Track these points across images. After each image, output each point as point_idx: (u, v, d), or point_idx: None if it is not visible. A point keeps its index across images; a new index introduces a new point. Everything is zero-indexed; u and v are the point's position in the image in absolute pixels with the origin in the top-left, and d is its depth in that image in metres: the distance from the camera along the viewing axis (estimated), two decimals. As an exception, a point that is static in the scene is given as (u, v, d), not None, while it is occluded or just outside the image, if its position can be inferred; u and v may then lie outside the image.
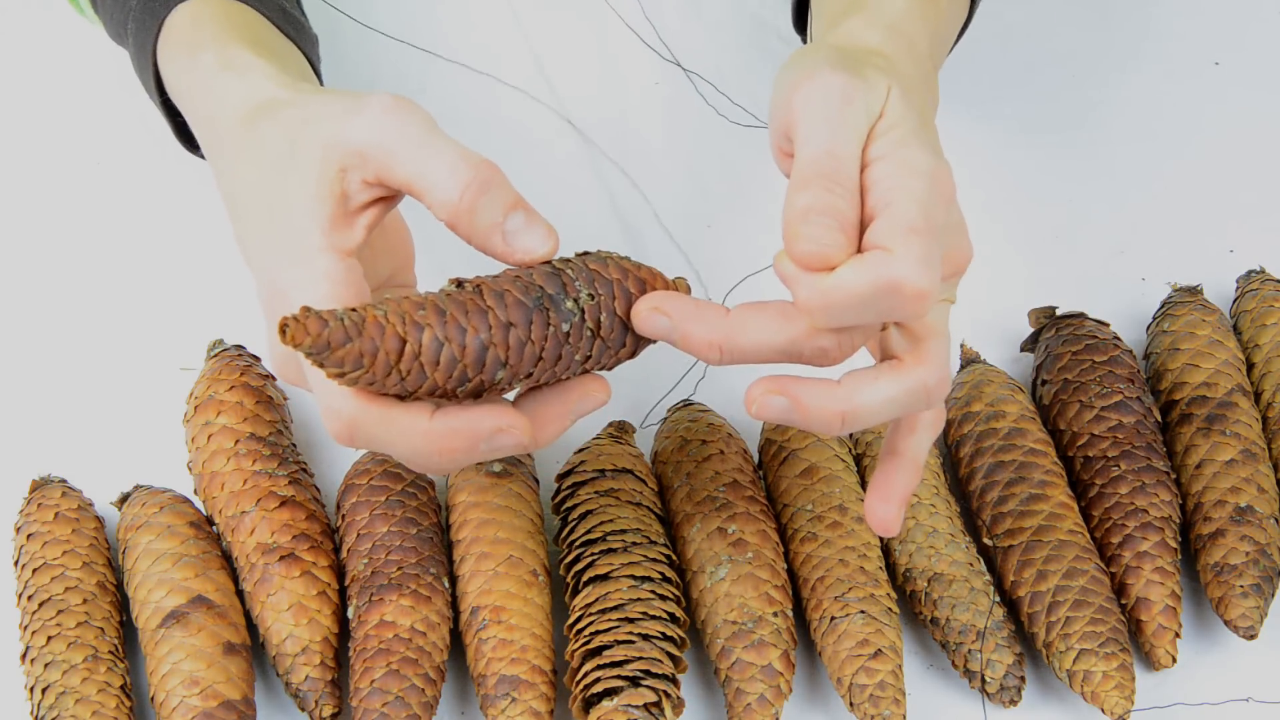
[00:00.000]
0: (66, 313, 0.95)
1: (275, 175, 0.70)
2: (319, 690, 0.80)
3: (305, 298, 0.67)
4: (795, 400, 0.67)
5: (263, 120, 0.72)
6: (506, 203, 0.67)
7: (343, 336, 0.63)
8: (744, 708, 0.79)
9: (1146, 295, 0.96)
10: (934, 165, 0.68)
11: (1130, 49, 1.06)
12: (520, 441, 0.67)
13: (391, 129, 0.67)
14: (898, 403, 0.68)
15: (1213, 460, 0.86)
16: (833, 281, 0.65)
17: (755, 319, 0.67)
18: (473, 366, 0.65)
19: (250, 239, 0.72)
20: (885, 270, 0.64)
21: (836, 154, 0.67)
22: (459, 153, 0.67)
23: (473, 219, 0.67)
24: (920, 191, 0.66)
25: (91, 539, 0.84)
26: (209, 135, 0.76)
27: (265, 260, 0.70)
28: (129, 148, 1.01)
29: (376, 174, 0.67)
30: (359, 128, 0.68)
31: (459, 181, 0.66)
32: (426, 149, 0.67)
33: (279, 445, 0.85)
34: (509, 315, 0.66)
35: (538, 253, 0.68)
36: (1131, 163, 1.02)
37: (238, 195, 0.73)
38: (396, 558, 0.82)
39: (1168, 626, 0.82)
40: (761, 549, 0.83)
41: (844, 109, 0.68)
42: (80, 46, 1.04)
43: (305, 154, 0.69)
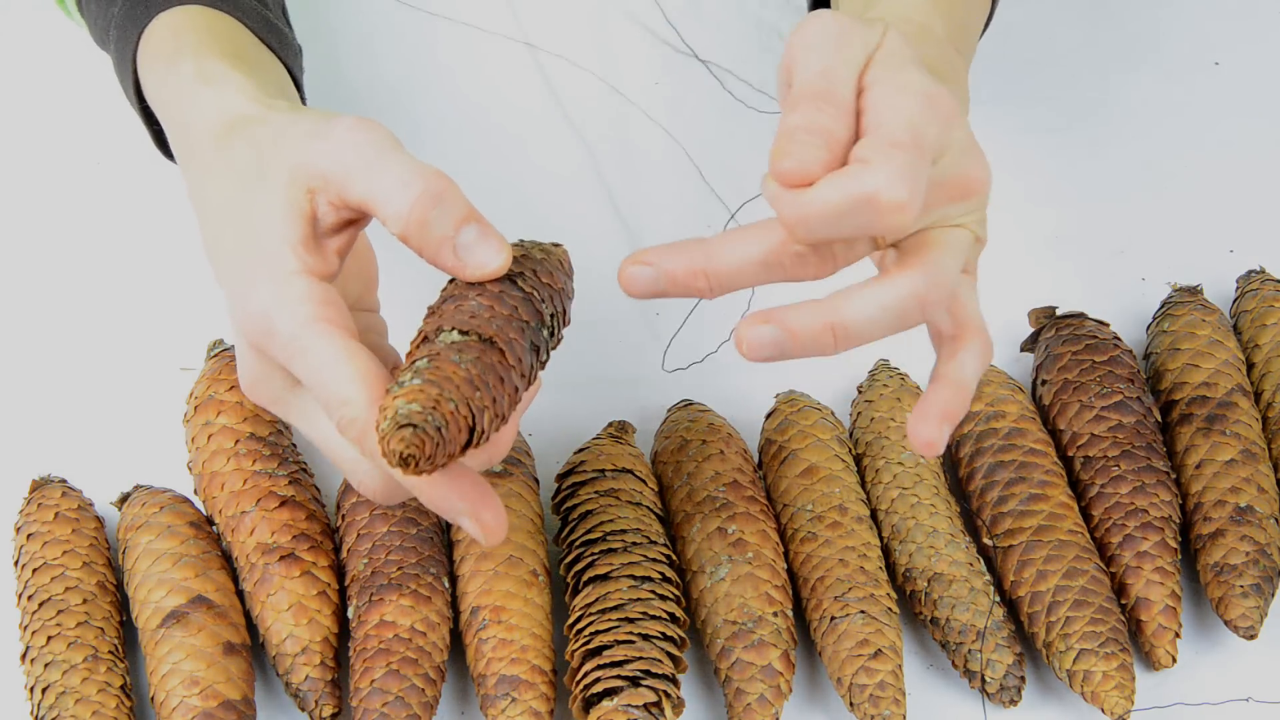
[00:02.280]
0: (66, 313, 0.95)
1: (244, 194, 0.70)
2: (319, 690, 0.80)
3: (286, 322, 0.66)
4: (780, 323, 0.66)
5: (234, 136, 0.72)
6: (459, 216, 0.67)
7: (439, 442, 0.64)
8: (744, 708, 0.79)
9: (1146, 295, 0.96)
10: (929, 85, 0.67)
11: (1130, 49, 1.06)
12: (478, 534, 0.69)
13: (349, 149, 0.67)
14: (889, 310, 0.66)
15: (1213, 460, 0.86)
16: (809, 194, 0.64)
17: (733, 238, 0.67)
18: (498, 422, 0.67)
19: (221, 256, 0.72)
20: (861, 182, 0.64)
21: (828, 75, 0.67)
22: (412, 167, 0.67)
23: (424, 232, 0.66)
24: (908, 108, 0.66)
25: (91, 539, 0.84)
26: (183, 146, 0.76)
27: (238, 280, 0.69)
28: (129, 148, 1.01)
29: (339, 194, 0.68)
30: (323, 151, 0.68)
31: (410, 195, 0.66)
32: (379, 165, 0.67)
33: (279, 445, 0.85)
34: (523, 368, 0.67)
35: (489, 268, 0.67)
36: (1131, 163, 1.02)
37: (208, 210, 0.73)
38: (396, 558, 0.82)
39: (1168, 626, 0.82)
40: (761, 549, 0.83)
41: (839, 40, 0.68)
42: (80, 47, 1.04)
43: (274, 175, 0.69)
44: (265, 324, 0.67)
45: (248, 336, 0.69)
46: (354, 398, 0.65)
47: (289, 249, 0.68)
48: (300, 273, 0.68)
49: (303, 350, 0.66)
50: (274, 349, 0.67)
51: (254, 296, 0.68)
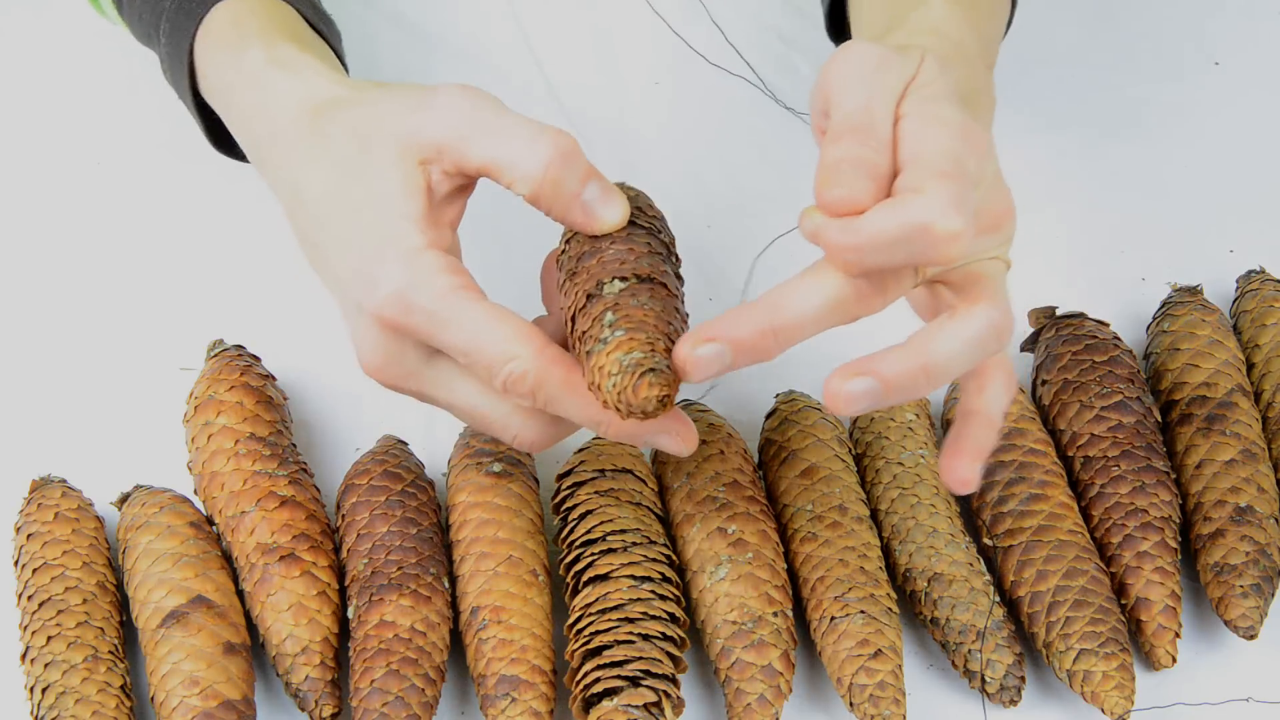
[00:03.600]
0: (67, 313, 0.95)
1: (349, 176, 0.70)
2: (319, 690, 0.80)
3: (428, 297, 0.67)
4: (874, 373, 0.66)
5: (326, 120, 0.72)
6: (583, 173, 0.68)
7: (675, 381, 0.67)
8: (744, 708, 0.79)
9: (1146, 295, 0.96)
10: (963, 120, 0.68)
11: (1130, 49, 1.06)
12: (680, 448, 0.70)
13: (464, 115, 0.68)
14: (973, 344, 0.67)
15: (1213, 460, 0.86)
16: (862, 221, 0.65)
17: (792, 291, 0.67)
18: None
19: (327, 245, 0.71)
20: (915, 210, 0.64)
21: (869, 109, 0.67)
22: (535, 127, 0.68)
23: (556, 190, 0.68)
24: (948, 141, 0.66)
25: (91, 539, 0.84)
26: (258, 132, 0.75)
27: (358, 264, 0.69)
28: (129, 148, 1.01)
29: (455, 163, 0.68)
30: (432, 120, 0.68)
31: (541, 156, 0.67)
32: (502, 128, 0.68)
33: (279, 445, 0.85)
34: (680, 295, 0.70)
35: (612, 222, 0.69)
36: (1131, 162, 1.02)
37: (305, 199, 0.72)
38: (396, 558, 0.82)
39: (1168, 626, 0.82)
40: (761, 549, 0.83)
41: (877, 72, 0.68)
42: (81, 46, 1.04)
43: (380, 154, 0.69)
44: (403, 302, 0.67)
45: (384, 317, 0.68)
46: (519, 352, 0.67)
47: (413, 225, 0.68)
48: (428, 247, 0.68)
49: (449, 321, 0.67)
50: (416, 324, 0.68)
51: (385, 277, 0.68)
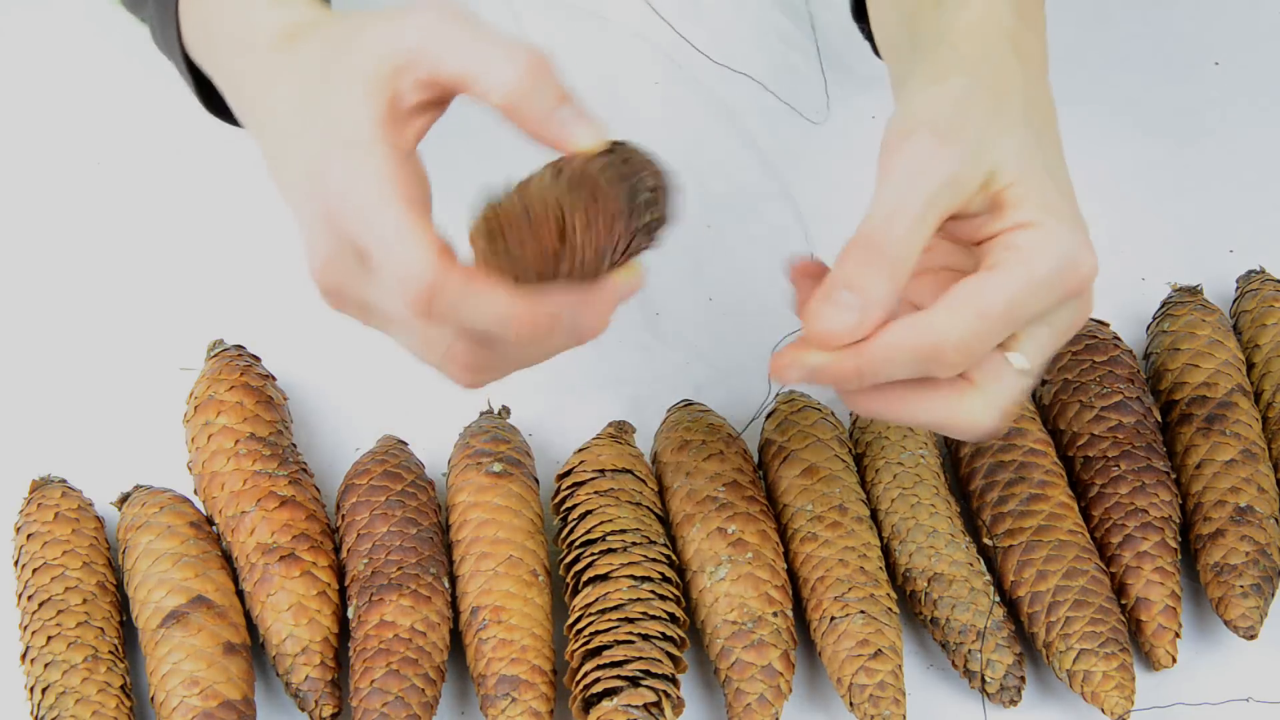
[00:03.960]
0: (67, 313, 0.95)
1: (318, 85, 0.68)
2: (319, 690, 0.80)
3: (361, 192, 0.65)
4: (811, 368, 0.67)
5: (302, 40, 0.71)
6: (559, 89, 0.67)
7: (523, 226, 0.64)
8: (744, 708, 0.79)
9: (1146, 295, 0.96)
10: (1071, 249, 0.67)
11: (1130, 49, 1.06)
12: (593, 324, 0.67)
13: (440, 24, 0.67)
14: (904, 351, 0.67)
15: (1213, 460, 0.86)
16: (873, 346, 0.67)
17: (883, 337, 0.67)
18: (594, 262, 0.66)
19: (290, 154, 0.70)
20: (927, 334, 0.66)
21: (891, 217, 0.67)
22: (511, 39, 0.67)
23: (531, 101, 0.66)
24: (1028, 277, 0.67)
25: (91, 539, 0.84)
26: (236, 63, 0.75)
27: (315, 161, 0.67)
28: (129, 148, 1.01)
29: (430, 71, 0.67)
30: (410, 27, 0.67)
31: (518, 64, 0.66)
32: (481, 38, 0.67)
33: (279, 445, 0.85)
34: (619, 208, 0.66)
35: (586, 141, 0.67)
36: (1131, 162, 1.02)
37: (276, 113, 0.71)
38: (396, 558, 0.82)
39: (1168, 626, 0.82)
40: (761, 549, 0.83)
41: (920, 176, 0.67)
42: (81, 46, 1.04)
43: (354, 59, 0.67)
44: (342, 195, 0.66)
45: (323, 209, 0.67)
46: (425, 269, 0.64)
47: (368, 121, 0.66)
48: (380, 140, 0.66)
49: (371, 222, 0.65)
50: (348, 220, 0.66)
51: (332, 168, 0.66)
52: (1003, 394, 0.68)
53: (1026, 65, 0.73)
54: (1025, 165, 0.68)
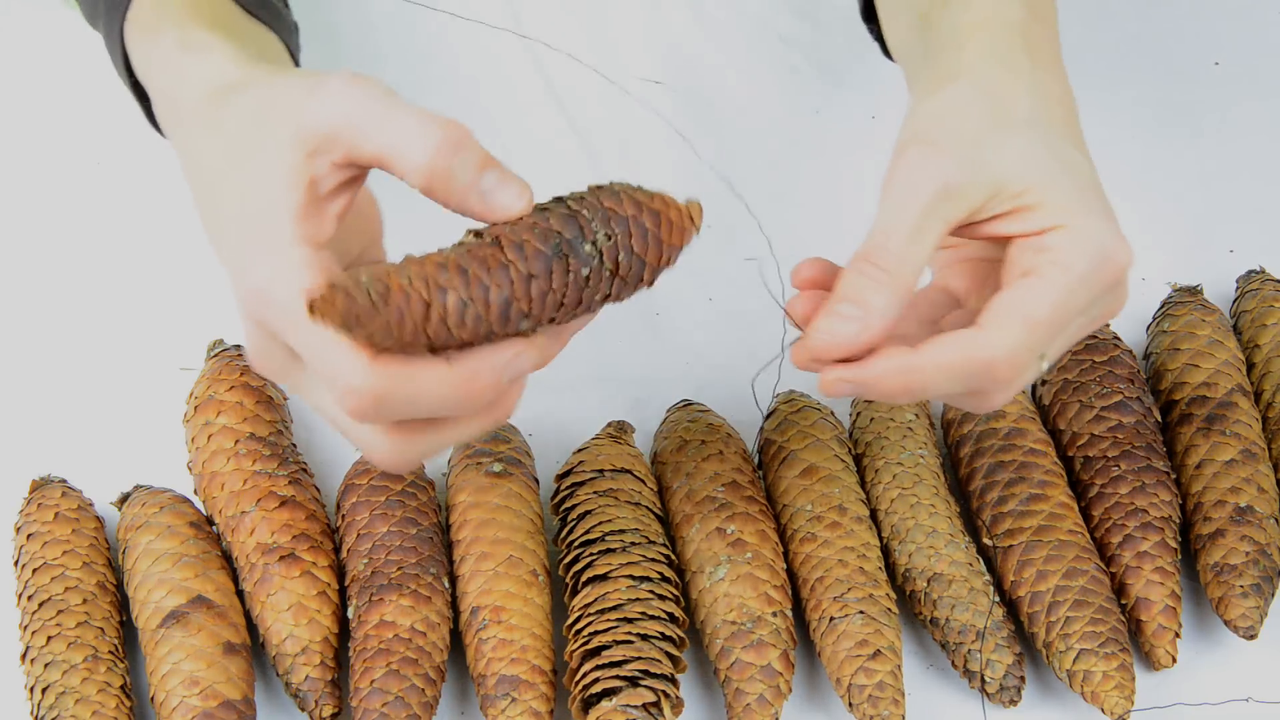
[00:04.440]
0: (67, 313, 0.95)
1: (241, 162, 0.68)
2: (319, 690, 0.80)
3: (283, 294, 0.65)
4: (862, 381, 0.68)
5: (223, 105, 0.70)
6: (479, 161, 0.66)
7: (370, 308, 0.63)
8: (743, 708, 0.79)
9: (1146, 295, 0.96)
10: (1106, 241, 0.68)
11: (1130, 49, 1.06)
12: (535, 359, 0.67)
13: (354, 104, 0.66)
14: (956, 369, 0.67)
15: (1213, 460, 0.86)
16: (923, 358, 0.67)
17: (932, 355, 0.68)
18: (497, 321, 0.65)
19: (219, 229, 0.70)
20: (978, 351, 0.67)
21: (888, 231, 0.67)
22: (424, 116, 0.66)
23: (449, 180, 0.65)
24: (1069, 278, 0.67)
25: (91, 539, 0.84)
26: (170, 117, 0.75)
27: (238, 254, 0.68)
28: (129, 148, 1.01)
29: (345, 154, 0.66)
30: (322, 109, 0.66)
31: (430, 143, 0.65)
32: (392, 117, 0.66)
33: (279, 445, 0.85)
34: (529, 267, 0.65)
35: (514, 209, 0.66)
36: (1131, 162, 1.02)
37: (204, 181, 0.71)
38: (396, 558, 0.82)
39: (1168, 626, 0.82)
40: (761, 549, 0.83)
41: (914, 189, 0.68)
42: (80, 46, 1.04)
43: (271, 140, 0.67)
44: (264, 296, 0.66)
45: (248, 310, 0.67)
46: (362, 379, 0.64)
47: (289, 218, 0.66)
48: (298, 241, 0.66)
49: (300, 329, 0.65)
50: (272, 321, 0.66)
51: (253, 269, 0.66)
52: (1024, 382, 0.69)
53: (1036, 60, 0.73)
54: (1037, 165, 0.68)
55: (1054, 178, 0.68)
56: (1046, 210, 0.68)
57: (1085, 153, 0.72)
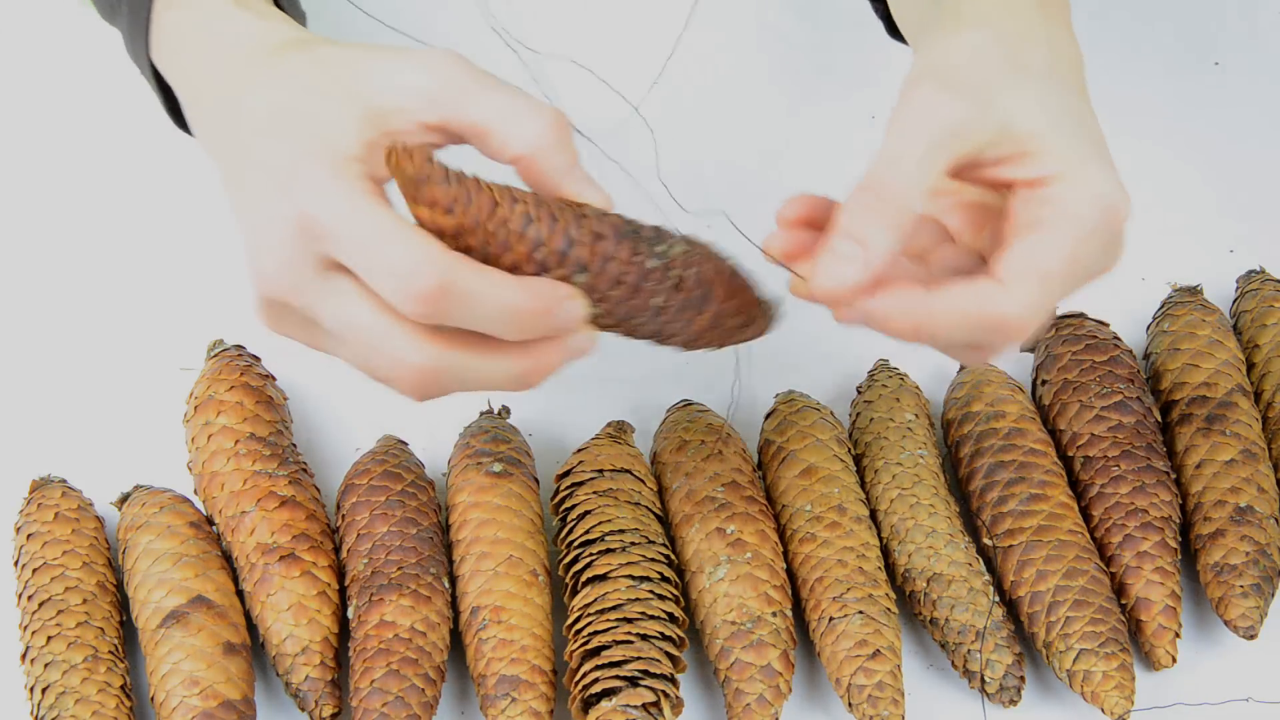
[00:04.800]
0: (66, 313, 0.95)
1: (306, 96, 0.68)
2: (319, 690, 0.80)
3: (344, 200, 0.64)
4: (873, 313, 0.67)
5: (292, 53, 0.70)
6: (575, 151, 0.68)
7: (444, 177, 0.63)
8: (743, 708, 0.79)
9: (1146, 295, 0.96)
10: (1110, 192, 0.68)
11: (1130, 49, 1.06)
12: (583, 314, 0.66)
13: (465, 71, 0.67)
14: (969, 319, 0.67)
15: (1213, 460, 0.86)
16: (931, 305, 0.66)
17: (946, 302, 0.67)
18: (555, 254, 0.66)
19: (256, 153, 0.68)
20: (991, 305, 0.66)
21: (893, 163, 0.67)
22: (536, 98, 0.67)
23: (550, 159, 0.67)
24: (1077, 229, 0.67)
25: (91, 539, 0.84)
26: (214, 66, 0.73)
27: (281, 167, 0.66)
28: (129, 147, 1.01)
29: (442, 116, 0.66)
30: (429, 69, 0.67)
31: (544, 119, 0.67)
32: (504, 90, 0.67)
33: (279, 445, 0.85)
34: (601, 228, 0.66)
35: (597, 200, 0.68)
36: (1131, 162, 1.01)
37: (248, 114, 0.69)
38: (396, 558, 0.82)
39: (1168, 626, 0.82)
40: (760, 549, 0.83)
41: (923, 123, 0.67)
42: (80, 46, 1.04)
43: (358, 85, 0.67)
44: (319, 195, 0.64)
45: (291, 212, 0.65)
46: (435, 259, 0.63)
47: (358, 141, 0.66)
48: (359, 160, 0.66)
49: (362, 222, 0.64)
50: (324, 221, 0.64)
51: (313, 173, 0.65)
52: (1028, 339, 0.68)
53: (1050, 17, 0.73)
54: (1048, 114, 0.68)
55: (1060, 126, 0.68)
56: (1050, 157, 0.68)
57: (1091, 111, 0.72)
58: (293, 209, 0.65)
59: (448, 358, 0.66)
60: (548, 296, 0.65)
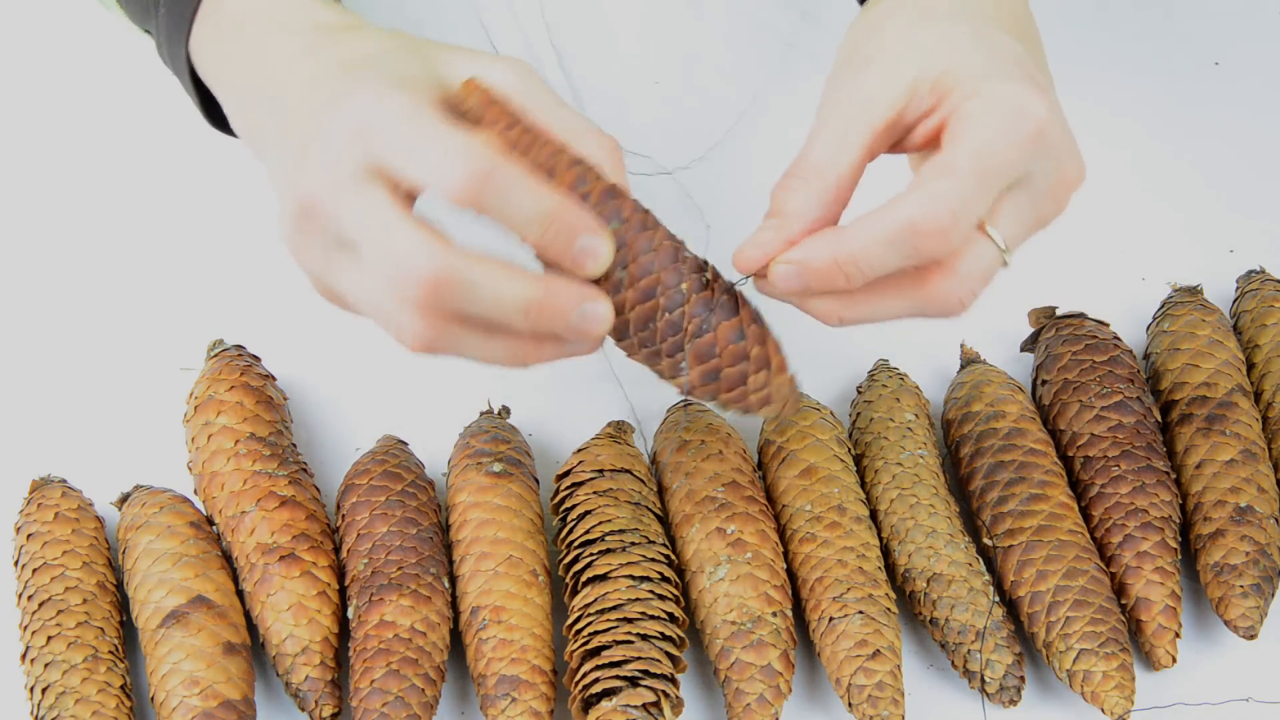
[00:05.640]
0: (66, 313, 0.95)
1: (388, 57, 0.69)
2: (319, 690, 0.80)
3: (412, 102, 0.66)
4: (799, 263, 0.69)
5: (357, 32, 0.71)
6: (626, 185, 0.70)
7: (518, 114, 0.67)
8: (743, 708, 0.79)
9: (1146, 295, 0.96)
10: (1019, 96, 0.68)
11: (1130, 49, 1.06)
12: (607, 320, 0.68)
13: (535, 81, 0.69)
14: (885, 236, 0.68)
15: (1213, 460, 0.86)
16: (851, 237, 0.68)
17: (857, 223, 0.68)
18: (598, 204, 0.68)
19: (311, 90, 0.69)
20: (897, 214, 0.67)
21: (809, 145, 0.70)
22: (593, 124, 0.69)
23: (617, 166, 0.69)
24: (984, 130, 0.67)
25: (91, 539, 0.84)
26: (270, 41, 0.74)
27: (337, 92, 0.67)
28: (129, 148, 1.01)
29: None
30: (506, 70, 0.69)
31: (605, 147, 0.69)
32: (572, 109, 0.69)
33: (279, 445, 0.85)
34: (645, 218, 0.69)
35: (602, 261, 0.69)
36: (1132, 162, 1.02)
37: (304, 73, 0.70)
38: (396, 558, 0.82)
39: (1168, 626, 0.82)
40: (760, 549, 0.83)
41: (834, 102, 0.70)
42: (80, 46, 1.04)
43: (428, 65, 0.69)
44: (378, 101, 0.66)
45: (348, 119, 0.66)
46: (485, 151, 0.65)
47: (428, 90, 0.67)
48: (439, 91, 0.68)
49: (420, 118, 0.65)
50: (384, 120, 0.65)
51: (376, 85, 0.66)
52: (977, 273, 0.69)
53: None
54: (952, 49, 0.70)
55: (968, 56, 0.70)
56: (962, 88, 0.69)
57: (1020, 37, 0.73)
58: (351, 111, 0.66)
59: (461, 269, 0.66)
60: (565, 296, 0.67)
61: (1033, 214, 0.71)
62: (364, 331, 0.95)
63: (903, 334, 0.94)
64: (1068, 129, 0.71)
